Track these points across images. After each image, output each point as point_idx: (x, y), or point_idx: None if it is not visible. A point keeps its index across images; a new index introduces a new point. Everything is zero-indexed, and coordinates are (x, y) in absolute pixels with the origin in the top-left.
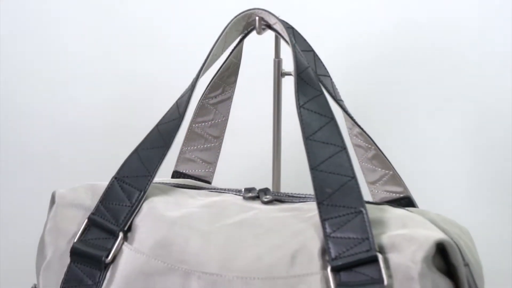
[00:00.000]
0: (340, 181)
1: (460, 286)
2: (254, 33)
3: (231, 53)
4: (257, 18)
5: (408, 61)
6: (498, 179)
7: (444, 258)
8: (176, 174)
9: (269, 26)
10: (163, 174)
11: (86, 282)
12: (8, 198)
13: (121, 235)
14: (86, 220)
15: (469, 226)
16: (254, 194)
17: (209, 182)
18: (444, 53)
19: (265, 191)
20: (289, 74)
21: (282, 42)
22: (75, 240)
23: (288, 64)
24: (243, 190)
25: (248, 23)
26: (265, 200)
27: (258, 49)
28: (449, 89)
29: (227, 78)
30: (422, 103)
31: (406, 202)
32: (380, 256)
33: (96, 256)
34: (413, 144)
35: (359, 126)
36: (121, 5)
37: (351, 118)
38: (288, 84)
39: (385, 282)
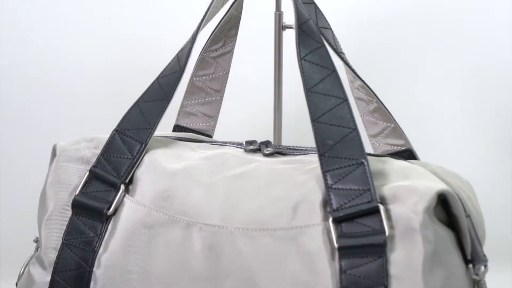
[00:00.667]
0: (341, 133)
1: (462, 237)
2: None
3: (231, 5)
4: None
5: (408, 22)
6: (498, 132)
7: (445, 209)
8: (177, 128)
9: None
10: (164, 128)
11: (88, 234)
12: (9, 154)
13: (122, 187)
14: (87, 173)
15: (470, 179)
16: (255, 147)
17: (210, 136)
18: (444, 15)
19: (266, 143)
20: (290, 27)
21: None
22: (77, 193)
23: (289, 17)
24: (244, 143)
25: None
26: (266, 152)
27: (259, 2)
28: (450, 46)
29: (227, 31)
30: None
31: (407, 154)
32: (381, 207)
33: (98, 209)
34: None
35: (360, 78)
36: None
37: (353, 70)
38: (289, 38)
39: (387, 233)
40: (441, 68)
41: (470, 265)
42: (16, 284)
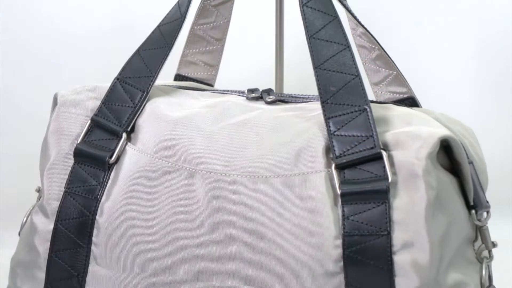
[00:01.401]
0: (344, 80)
1: (464, 184)
2: None
3: None
4: None
5: None
6: (500, 79)
7: (448, 155)
8: (178, 78)
9: None
10: (165, 78)
11: (90, 182)
12: (10, 103)
13: (124, 135)
14: (88, 121)
15: (472, 127)
16: (257, 95)
17: (212, 85)
18: None
19: (268, 91)
20: None
21: None
22: (78, 141)
23: None
24: (246, 91)
25: None
26: (268, 100)
27: None
28: None
29: None
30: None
31: (410, 102)
32: (384, 154)
33: (100, 157)
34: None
35: (362, 26)
36: None
37: (355, 17)
38: None
39: (390, 179)
40: (442, 16)
41: (473, 211)
42: (19, 234)
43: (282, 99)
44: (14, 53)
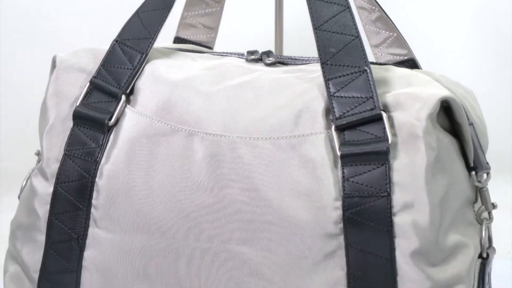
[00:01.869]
0: (344, 41)
1: (465, 145)
2: None
3: None
4: None
5: None
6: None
7: (448, 116)
8: (177, 40)
9: None
10: (165, 41)
11: (90, 145)
12: (10, 66)
13: (123, 98)
14: (87, 84)
15: (472, 89)
16: (257, 57)
17: (211, 48)
18: None
19: (267, 53)
20: None
21: None
22: (77, 104)
23: None
24: (245, 53)
25: None
26: (268, 62)
27: None
28: None
29: None
30: None
31: (410, 64)
32: (384, 115)
33: (99, 119)
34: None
35: None
36: None
37: None
38: None
39: (390, 140)
40: None
41: (473, 173)
42: (19, 197)
43: (281, 61)
44: (14, 16)
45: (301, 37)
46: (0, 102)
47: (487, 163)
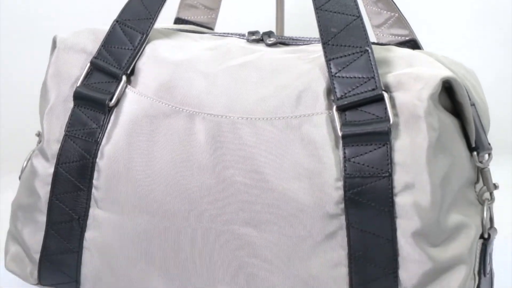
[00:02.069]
0: (345, 21)
1: (466, 125)
2: None
3: None
4: None
5: None
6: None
7: (450, 96)
8: (178, 21)
9: None
10: (166, 22)
11: (91, 125)
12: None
13: (124, 78)
14: (88, 64)
15: (474, 70)
16: (258, 37)
17: (212, 29)
18: None
19: (269, 34)
20: None
21: None
22: (78, 84)
23: None
24: (246, 33)
25: None
26: (269, 42)
27: None
28: None
29: None
30: None
31: (412, 45)
32: (386, 95)
33: (100, 100)
34: None
35: None
36: None
37: None
38: None
39: (391, 120)
40: None
41: (475, 153)
42: (20, 178)
43: (282, 42)
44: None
45: (302, 17)
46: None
47: (489, 144)
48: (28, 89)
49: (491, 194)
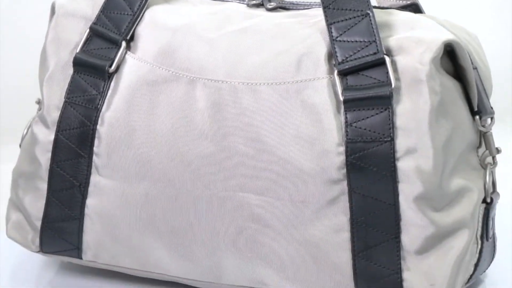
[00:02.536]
0: None
1: (469, 89)
2: None
3: None
4: None
5: None
6: None
7: (452, 60)
8: None
9: None
10: None
11: (90, 92)
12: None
13: (123, 44)
14: (87, 30)
15: (476, 33)
16: (258, 2)
17: None
18: None
19: None
20: None
21: None
22: (77, 51)
23: None
24: None
25: None
26: (269, 7)
27: None
28: None
29: None
30: None
31: (413, 8)
32: (387, 59)
33: (99, 66)
34: None
35: None
36: None
37: None
38: None
39: (393, 84)
40: None
41: (477, 117)
42: (20, 145)
43: (283, 6)
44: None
45: None
46: None
47: (491, 108)
48: (27, 57)
49: (493, 158)
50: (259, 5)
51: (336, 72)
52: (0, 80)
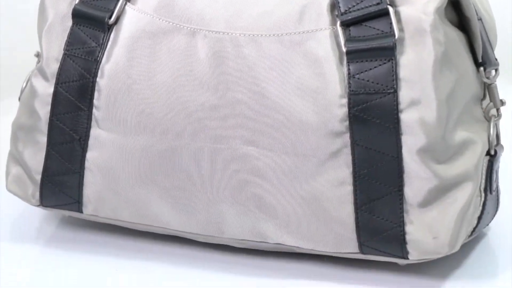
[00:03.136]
0: None
1: (473, 40)
2: None
3: None
4: None
5: None
6: None
7: (456, 11)
8: None
9: None
10: None
11: (90, 44)
12: None
13: None
14: None
15: None
16: None
17: None
18: None
19: None
20: None
21: None
22: (76, 2)
23: None
24: None
25: None
26: None
27: None
28: None
29: None
30: None
31: None
32: (391, 9)
33: (99, 17)
34: None
35: None
36: None
37: None
38: None
39: (396, 35)
40: None
41: (481, 68)
42: (19, 99)
43: None
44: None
45: None
46: None
47: (496, 59)
48: (25, 10)
49: (497, 110)
50: None
51: (338, 22)
52: None
